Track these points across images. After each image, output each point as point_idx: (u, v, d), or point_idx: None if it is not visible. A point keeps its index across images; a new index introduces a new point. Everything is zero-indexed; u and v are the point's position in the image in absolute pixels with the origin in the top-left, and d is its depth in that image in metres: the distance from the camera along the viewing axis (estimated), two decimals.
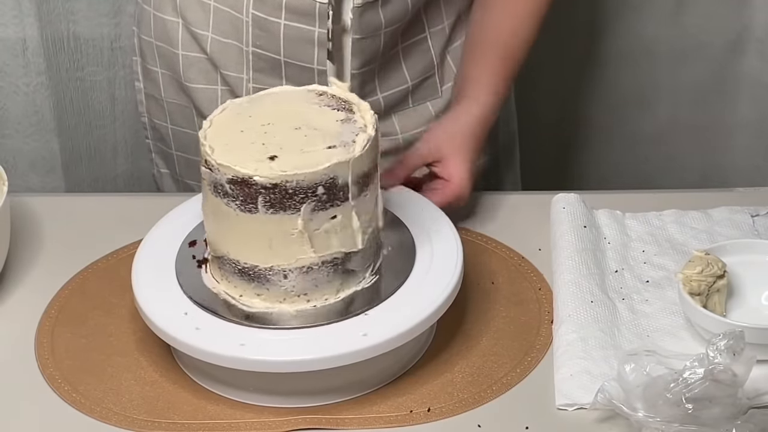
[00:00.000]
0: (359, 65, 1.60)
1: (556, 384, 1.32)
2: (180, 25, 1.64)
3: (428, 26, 1.65)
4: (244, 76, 1.63)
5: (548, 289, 1.45)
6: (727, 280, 1.37)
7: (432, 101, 1.69)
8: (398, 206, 1.45)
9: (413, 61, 1.65)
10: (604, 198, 1.59)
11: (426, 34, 1.65)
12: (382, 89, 1.65)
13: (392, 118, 1.68)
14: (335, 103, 1.36)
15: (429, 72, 1.67)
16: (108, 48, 2.10)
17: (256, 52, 1.60)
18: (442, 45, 1.67)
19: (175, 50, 1.66)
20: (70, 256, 1.53)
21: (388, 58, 1.63)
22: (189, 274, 1.37)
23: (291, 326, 1.30)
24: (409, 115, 1.68)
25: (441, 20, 1.66)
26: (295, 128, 1.32)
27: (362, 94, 1.61)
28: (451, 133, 1.54)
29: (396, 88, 1.66)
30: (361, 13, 1.55)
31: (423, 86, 1.68)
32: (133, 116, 2.17)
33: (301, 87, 1.40)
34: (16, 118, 2.13)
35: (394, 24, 1.59)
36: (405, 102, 1.68)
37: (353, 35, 1.57)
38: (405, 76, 1.65)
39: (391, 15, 1.58)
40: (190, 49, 1.65)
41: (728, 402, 1.21)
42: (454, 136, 1.53)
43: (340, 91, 1.38)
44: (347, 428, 1.29)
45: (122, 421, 1.30)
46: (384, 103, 1.65)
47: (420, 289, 1.33)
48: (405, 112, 1.68)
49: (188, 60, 1.65)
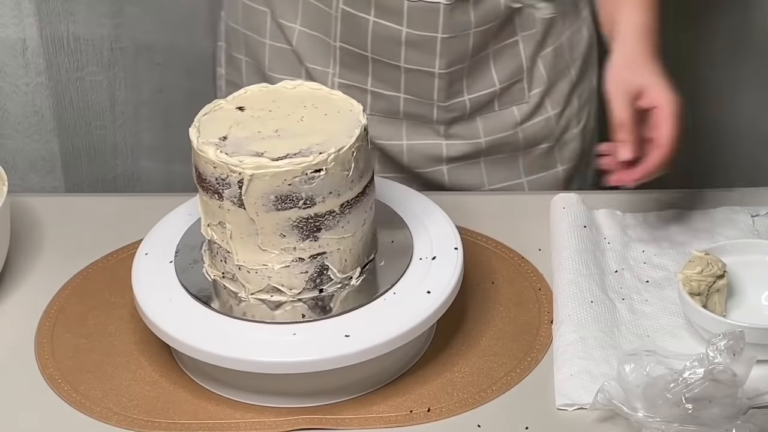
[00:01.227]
0: (446, 65, 1.59)
1: (556, 384, 1.32)
2: (268, 16, 1.64)
3: (520, 30, 1.63)
4: (330, 70, 1.63)
5: (548, 289, 1.45)
6: (727, 280, 1.36)
7: (518, 106, 1.67)
8: (398, 205, 1.45)
9: (503, 64, 1.64)
10: (604, 198, 1.59)
11: (517, 37, 1.63)
12: (469, 91, 1.64)
13: (476, 121, 1.66)
14: None
15: (518, 76, 1.66)
16: (108, 48, 2.10)
17: (344, 47, 1.60)
18: (532, 50, 1.65)
19: (263, 40, 1.66)
20: (70, 256, 1.53)
21: (478, 60, 1.62)
22: (189, 273, 1.37)
23: (291, 326, 1.30)
24: (493, 119, 1.67)
25: (533, 24, 1.63)
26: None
27: (449, 94, 1.62)
28: (629, 61, 1.46)
29: (483, 91, 1.64)
30: (450, 11, 1.55)
31: (510, 90, 1.66)
32: (133, 116, 2.17)
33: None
34: (16, 118, 2.13)
35: (485, 24, 1.58)
36: (491, 105, 1.66)
37: (441, 34, 1.56)
38: (493, 78, 1.64)
39: (483, 15, 1.57)
40: (276, 39, 1.65)
41: (728, 402, 1.21)
42: (635, 61, 1.46)
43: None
44: (347, 428, 1.29)
45: (122, 421, 1.30)
46: (470, 105, 1.64)
47: (420, 290, 1.33)
48: (490, 116, 1.67)
49: (274, 51, 1.66)
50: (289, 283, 1.32)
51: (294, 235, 1.29)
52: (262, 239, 1.30)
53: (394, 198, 1.46)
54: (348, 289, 1.34)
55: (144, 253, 1.41)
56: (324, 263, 1.32)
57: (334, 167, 1.28)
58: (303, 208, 1.28)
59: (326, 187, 1.28)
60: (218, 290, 1.35)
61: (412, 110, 1.65)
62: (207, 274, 1.37)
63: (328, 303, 1.33)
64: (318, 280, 1.33)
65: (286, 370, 1.27)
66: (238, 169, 1.26)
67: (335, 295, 1.34)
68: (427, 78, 1.61)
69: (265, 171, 1.26)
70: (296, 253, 1.30)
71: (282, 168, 1.26)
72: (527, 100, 1.67)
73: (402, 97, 1.64)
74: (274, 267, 1.31)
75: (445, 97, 1.63)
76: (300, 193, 1.27)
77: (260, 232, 1.29)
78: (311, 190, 1.28)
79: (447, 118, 1.65)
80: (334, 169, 1.28)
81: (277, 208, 1.28)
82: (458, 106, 1.61)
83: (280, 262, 1.31)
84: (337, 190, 1.29)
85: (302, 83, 1.39)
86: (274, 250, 1.30)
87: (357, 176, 1.31)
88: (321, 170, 1.27)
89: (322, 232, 1.30)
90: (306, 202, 1.28)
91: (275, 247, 1.30)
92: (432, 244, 1.39)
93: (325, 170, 1.27)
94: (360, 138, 1.31)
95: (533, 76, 1.67)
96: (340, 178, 1.29)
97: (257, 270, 1.31)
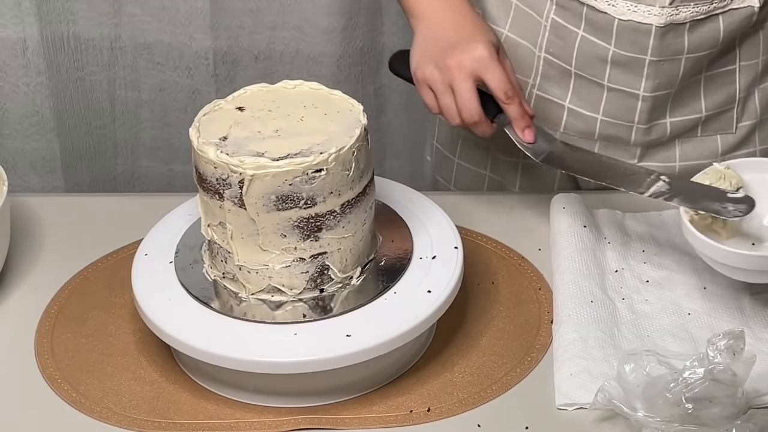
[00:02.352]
0: (653, 88, 1.55)
1: (556, 384, 1.32)
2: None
3: (740, 59, 1.57)
4: (530, 81, 1.60)
5: (548, 289, 1.45)
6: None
7: (723, 135, 1.61)
8: (398, 205, 1.45)
9: (714, 90, 1.58)
10: (604, 198, 1.59)
11: (736, 66, 1.57)
12: (672, 114, 1.59)
13: (675, 145, 1.61)
14: None
15: (728, 105, 1.59)
16: (108, 48, 2.10)
17: (548, 58, 1.58)
18: (750, 80, 1.59)
19: None
20: (70, 256, 1.53)
21: (687, 84, 1.56)
22: (189, 274, 1.37)
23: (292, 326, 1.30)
24: (693, 145, 1.62)
25: (756, 54, 1.57)
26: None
27: (651, 117, 1.57)
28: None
29: (687, 116, 1.59)
30: (662, 35, 1.50)
31: (718, 119, 1.60)
32: (133, 116, 2.17)
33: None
34: (16, 118, 2.14)
35: (700, 51, 1.53)
36: (694, 131, 1.61)
37: (650, 57, 1.52)
38: (701, 105, 1.58)
39: (699, 41, 1.52)
40: None
41: (728, 402, 1.21)
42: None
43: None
44: (347, 428, 1.29)
45: (122, 421, 1.30)
46: (670, 129, 1.59)
47: (420, 289, 1.33)
48: (690, 141, 1.61)
49: None
50: (290, 283, 1.32)
51: (295, 235, 1.29)
52: (262, 239, 1.30)
53: (394, 198, 1.46)
54: (348, 288, 1.34)
55: (144, 253, 1.41)
56: (324, 263, 1.32)
57: (335, 167, 1.28)
58: (304, 208, 1.28)
59: (327, 187, 1.28)
60: (218, 290, 1.35)
61: (609, 132, 1.60)
62: (207, 275, 1.37)
63: (328, 303, 1.33)
64: (319, 280, 1.33)
65: (287, 370, 1.27)
66: (238, 170, 1.26)
67: (336, 294, 1.34)
68: (629, 99, 1.56)
69: (266, 171, 1.26)
70: (297, 253, 1.30)
71: (283, 168, 1.26)
72: (734, 131, 1.61)
73: (599, 119, 1.59)
74: (274, 267, 1.31)
75: (647, 120, 1.57)
76: (301, 193, 1.27)
77: (261, 233, 1.29)
78: (312, 190, 1.28)
79: (645, 141, 1.60)
80: (334, 169, 1.28)
81: (278, 208, 1.28)
82: (658, 129, 1.55)
83: (281, 262, 1.31)
84: (338, 190, 1.29)
85: (302, 83, 1.39)
86: (274, 250, 1.30)
87: (357, 176, 1.31)
88: (322, 170, 1.27)
89: (323, 232, 1.30)
90: (307, 202, 1.28)
91: (276, 247, 1.30)
92: (432, 244, 1.39)
93: (325, 170, 1.27)
94: (360, 138, 1.31)
95: (746, 108, 1.60)
96: (340, 178, 1.29)
97: (258, 270, 1.32)
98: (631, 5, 1.49)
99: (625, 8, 1.50)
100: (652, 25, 1.50)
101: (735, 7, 1.51)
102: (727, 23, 1.51)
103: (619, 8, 1.50)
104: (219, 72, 2.12)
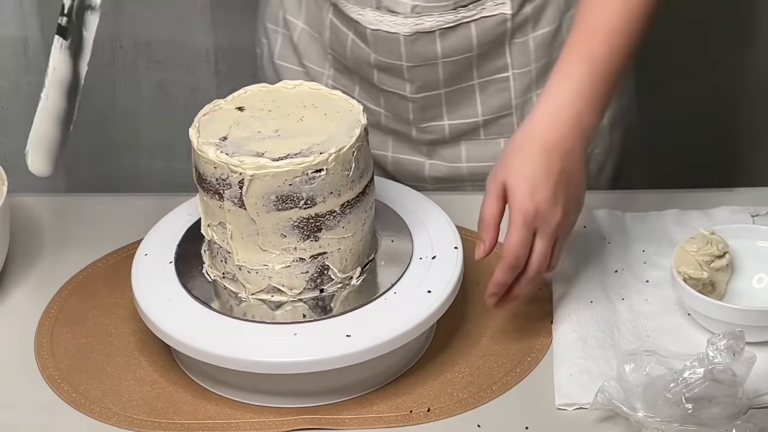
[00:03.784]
0: (416, 90, 1.58)
1: (555, 384, 1.32)
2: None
3: (512, 66, 1.59)
4: (325, 71, 1.65)
5: (548, 289, 1.45)
6: (728, 261, 1.37)
7: (506, 139, 1.60)
8: (398, 205, 1.45)
9: (488, 97, 1.61)
10: (604, 198, 1.59)
11: (509, 73, 1.59)
12: (449, 117, 1.62)
13: (460, 146, 1.64)
14: None
15: (506, 111, 1.62)
16: (108, 48, 2.10)
17: (334, 54, 1.62)
18: (524, 86, 1.60)
19: (276, 28, 1.69)
20: (70, 256, 1.53)
21: (460, 89, 1.60)
22: (189, 274, 1.37)
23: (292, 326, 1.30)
24: (477, 147, 1.64)
25: (528, 62, 1.59)
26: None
27: (425, 117, 1.61)
28: (518, 147, 1.33)
29: (465, 120, 1.62)
30: (411, 42, 1.54)
31: (497, 123, 1.63)
32: (133, 116, 2.17)
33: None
34: (16, 117, 2.14)
35: (456, 56, 1.56)
36: (475, 132, 1.63)
37: (406, 62, 1.56)
38: (477, 109, 1.61)
39: (452, 48, 1.55)
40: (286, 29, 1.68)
41: (728, 402, 1.21)
42: (522, 149, 1.32)
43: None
44: (347, 428, 1.29)
45: (122, 421, 1.30)
46: (449, 130, 1.63)
47: (420, 289, 1.33)
48: (474, 143, 1.64)
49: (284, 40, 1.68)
50: (290, 284, 1.32)
51: (294, 235, 1.29)
52: (262, 239, 1.30)
53: (394, 198, 1.46)
54: (348, 289, 1.35)
55: (144, 253, 1.41)
56: (324, 263, 1.32)
57: (335, 167, 1.28)
58: (303, 208, 1.28)
59: (327, 187, 1.28)
60: (218, 290, 1.35)
61: (392, 126, 1.65)
62: (207, 275, 1.37)
63: (328, 303, 1.33)
64: (318, 280, 1.33)
65: (287, 370, 1.27)
66: (238, 170, 1.26)
67: (336, 295, 1.34)
68: (401, 100, 1.61)
69: (266, 171, 1.26)
70: (297, 253, 1.30)
71: (283, 168, 1.26)
72: None
73: (383, 113, 1.64)
74: (274, 267, 1.31)
75: (422, 120, 1.62)
76: (301, 193, 1.27)
77: (261, 233, 1.29)
78: (312, 190, 1.28)
79: (426, 140, 1.65)
80: (334, 169, 1.28)
81: (278, 209, 1.28)
82: (436, 129, 1.59)
83: (281, 263, 1.31)
84: (338, 190, 1.29)
85: (302, 83, 1.39)
86: (274, 250, 1.30)
87: (357, 176, 1.31)
88: (322, 170, 1.27)
89: (323, 232, 1.30)
90: (307, 202, 1.28)
91: (276, 248, 1.30)
92: (432, 244, 1.39)
93: (325, 170, 1.27)
94: (360, 138, 1.31)
95: (524, 113, 1.61)
96: (340, 178, 1.29)
97: (258, 270, 1.32)
98: (378, 15, 1.53)
99: (372, 18, 1.54)
100: (399, 34, 1.54)
101: (486, 15, 1.54)
102: (479, 30, 1.55)
103: (368, 18, 1.54)
104: (220, 69, 2.12)
